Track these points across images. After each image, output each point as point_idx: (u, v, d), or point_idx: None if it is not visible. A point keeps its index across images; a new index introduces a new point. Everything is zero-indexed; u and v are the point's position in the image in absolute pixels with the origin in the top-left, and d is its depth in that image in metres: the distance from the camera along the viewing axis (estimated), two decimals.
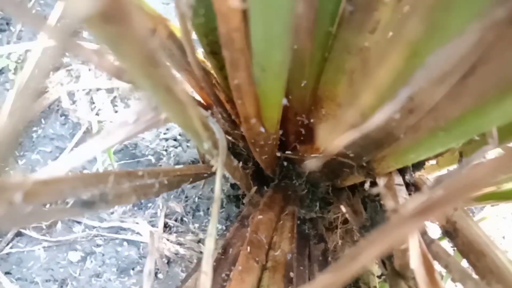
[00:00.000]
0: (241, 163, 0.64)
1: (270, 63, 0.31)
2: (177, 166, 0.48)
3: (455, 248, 0.46)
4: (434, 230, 0.88)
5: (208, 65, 0.49)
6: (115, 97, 0.93)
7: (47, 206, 0.35)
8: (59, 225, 0.87)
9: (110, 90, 0.93)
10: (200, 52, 0.48)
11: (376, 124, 0.29)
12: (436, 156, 0.58)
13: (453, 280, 0.39)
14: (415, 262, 0.38)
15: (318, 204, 0.74)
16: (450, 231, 0.46)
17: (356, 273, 0.21)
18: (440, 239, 0.70)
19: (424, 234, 0.47)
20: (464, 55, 0.27)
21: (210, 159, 0.48)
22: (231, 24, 0.28)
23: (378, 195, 0.58)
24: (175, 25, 0.40)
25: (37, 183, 0.26)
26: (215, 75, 0.50)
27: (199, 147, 0.43)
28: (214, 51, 0.42)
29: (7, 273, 0.85)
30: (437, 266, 0.48)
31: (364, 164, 0.55)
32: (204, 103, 0.57)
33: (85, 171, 0.89)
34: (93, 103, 0.93)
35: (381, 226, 0.22)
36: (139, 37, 0.17)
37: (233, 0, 0.25)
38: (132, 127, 0.33)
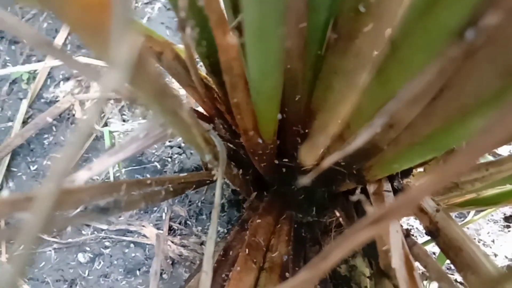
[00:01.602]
0: (241, 170, 0.68)
1: (264, 88, 0.35)
2: (181, 174, 0.52)
3: (439, 248, 0.50)
4: (423, 233, 0.92)
5: (210, 81, 0.53)
6: (122, 106, 0.98)
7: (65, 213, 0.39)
8: (69, 227, 0.92)
9: (118, 100, 0.98)
10: (202, 70, 0.52)
11: (361, 143, 0.33)
12: (422, 164, 0.62)
13: (430, 278, 0.43)
14: (396, 262, 0.42)
15: (314, 209, 0.78)
16: (433, 231, 0.50)
17: (329, 269, 0.25)
18: (427, 242, 0.74)
19: (407, 236, 0.51)
20: (431, 82, 0.31)
21: (211, 167, 0.53)
22: (230, 55, 0.32)
23: (370, 200, 0.63)
24: (180, 48, 0.44)
25: (63, 192, 0.31)
26: (216, 90, 0.55)
27: (201, 158, 0.48)
28: (215, 70, 0.46)
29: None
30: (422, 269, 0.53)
31: (355, 172, 0.59)
32: (207, 115, 0.62)
33: (95, 177, 0.94)
34: (102, 112, 0.98)
35: (350, 228, 0.26)
36: (154, 78, 0.22)
37: (231, 37, 0.29)
38: (142, 141, 0.37)
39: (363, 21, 0.34)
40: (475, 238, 0.91)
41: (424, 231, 0.93)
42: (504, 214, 0.96)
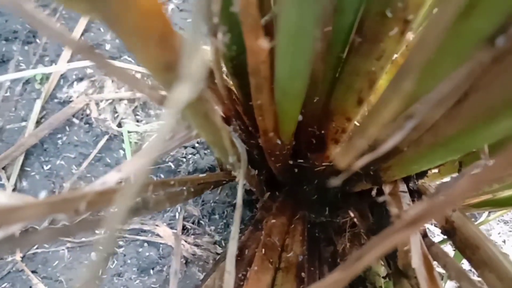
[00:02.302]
0: (256, 170, 0.69)
1: (292, 89, 0.36)
2: (201, 175, 0.53)
3: (454, 247, 0.51)
4: (437, 233, 0.92)
5: (230, 83, 0.54)
6: (136, 107, 0.99)
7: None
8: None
9: (131, 100, 0.99)
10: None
11: (387, 149, 0.34)
12: (438, 166, 0.62)
13: (450, 277, 0.44)
14: (416, 262, 0.43)
15: (327, 209, 0.78)
16: (449, 230, 0.51)
17: (361, 271, 0.26)
18: (441, 242, 0.75)
19: (425, 237, 0.51)
20: (458, 85, 0.31)
21: (229, 168, 0.53)
22: (259, 58, 0.33)
23: (384, 201, 0.63)
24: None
25: (96, 194, 0.31)
26: (235, 92, 0.55)
27: (223, 160, 0.48)
28: (237, 73, 0.47)
29: (33, 271, 0.91)
30: (438, 268, 0.53)
31: (372, 172, 0.59)
32: (224, 116, 0.62)
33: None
34: (116, 112, 0.98)
35: (384, 230, 0.27)
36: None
37: (262, 41, 0.30)
38: (169, 143, 0.38)
39: (389, 25, 0.35)
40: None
41: (436, 232, 0.93)
42: None
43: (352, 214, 0.76)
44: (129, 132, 0.90)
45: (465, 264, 0.77)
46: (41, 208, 0.27)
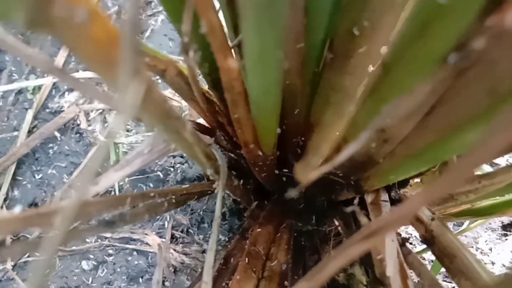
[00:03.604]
0: (242, 179, 0.70)
1: (264, 105, 0.37)
2: (184, 186, 0.53)
3: (434, 256, 0.52)
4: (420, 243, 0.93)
5: (212, 95, 0.55)
6: None
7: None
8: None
9: None
10: (205, 84, 0.54)
11: (350, 154, 0.35)
12: (419, 175, 0.63)
13: (424, 286, 0.45)
14: (391, 271, 0.44)
15: (314, 217, 0.79)
16: (429, 239, 0.52)
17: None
18: (423, 251, 0.76)
19: (403, 246, 0.52)
20: (423, 99, 0.33)
21: (213, 178, 0.54)
22: (231, 75, 0.34)
23: (367, 210, 0.64)
24: (183, 65, 0.46)
25: (72, 208, 0.32)
26: (217, 104, 0.57)
27: (203, 171, 0.49)
28: (216, 86, 0.48)
29: (24, 280, 0.91)
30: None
31: (353, 182, 0.60)
32: (208, 127, 0.64)
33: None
34: (106, 122, 0.99)
35: (347, 240, 0.28)
36: (160, 102, 0.23)
37: (232, 61, 0.31)
38: (147, 156, 0.39)
39: (358, 43, 0.36)
40: (472, 246, 0.92)
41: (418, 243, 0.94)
42: (502, 222, 0.98)
43: (337, 223, 0.77)
44: (116, 143, 0.91)
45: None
46: (15, 223, 0.28)
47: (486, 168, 0.82)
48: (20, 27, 0.18)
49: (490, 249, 0.94)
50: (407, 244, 0.55)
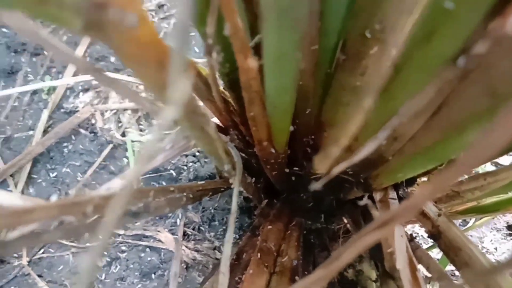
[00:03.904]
0: (253, 178, 0.72)
1: (280, 103, 0.39)
2: (199, 182, 0.56)
3: (440, 250, 0.53)
4: (427, 240, 0.95)
5: (227, 95, 0.57)
6: (139, 116, 1.03)
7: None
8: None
9: (135, 111, 1.02)
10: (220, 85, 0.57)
11: (366, 154, 0.37)
12: (426, 174, 0.65)
13: (432, 279, 0.47)
14: (400, 264, 0.46)
15: (323, 215, 0.81)
16: (435, 234, 0.54)
17: (337, 272, 0.29)
18: (430, 248, 0.78)
19: (411, 241, 0.54)
20: (430, 100, 0.35)
21: (227, 176, 0.56)
22: (250, 75, 0.36)
23: (366, 204, 0.66)
24: (201, 66, 0.49)
25: (101, 198, 0.34)
26: (232, 104, 0.59)
27: (219, 168, 0.52)
28: (232, 86, 0.50)
29: (39, 275, 0.94)
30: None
31: (362, 180, 0.62)
32: (222, 126, 0.66)
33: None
34: (120, 122, 1.02)
35: (361, 230, 0.30)
36: (188, 100, 0.26)
37: (252, 61, 0.33)
38: (169, 152, 0.41)
39: (369, 45, 0.38)
40: (478, 246, 0.94)
41: (428, 238, 0.96)
42: (507, 222, 0.99)
43: (346, 221, 0.79)
44: (132, 141, 0.94)
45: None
46: (52, 210, 0.30)
47: (489, 168, 0.84)
48: (75, 31, 0.20)
49: (496, 249, 0.95)
50: (419, 243, 0.57)
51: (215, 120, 0.65)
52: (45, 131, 1.04)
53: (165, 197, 0.45)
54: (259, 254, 0.66)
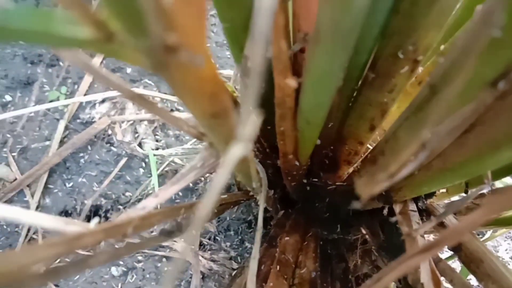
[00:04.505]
0: (272, 190, 0.72)
1: (314, 118, 0.40)
2: (222, 196, 0.56)
3: (460, 262, 0.54)
4: (442, 251, 0.95)
5: None
6: (156, 127, 1.03)
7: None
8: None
9: (151, 121, 1.03)
10: None
11: (402, 177, 0.37)
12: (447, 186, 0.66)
13: None
14: (424, 277, 0.46)
15: (339, 226, 0.81)
16: (455, 246, 0.54)
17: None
18: (449, 258, 0.78)
19: None
20: (465, 118, 0.35)
21: (248, 189, 0.57)
22: (286, 92, 0.37)
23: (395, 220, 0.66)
24: (229, 84, 0.49)
25: (140, 218, 0.35)
26: None
27: (246, 184, 0.52)
28: (259, 102, 0.51)
29: (56, 285, 0.94)
30: (446, 283, 0.56)
31: (384, 193, 0.63)
32: None
33: (127, 194, 0.99)
34: (137, 132, 1.03)
35: (399, 255, 0.30)
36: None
37: (290, 80, 0.34)
38: (199, 170, 0.42)
39: (400, 64, 0.39)
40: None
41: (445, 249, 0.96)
42: None
43: (363, 231, 0.79)
44: (155, 155, 0.94)
45: (473, 280, 0.80)
46: (98, 234, 0.31)
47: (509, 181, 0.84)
48: (145, 70, 0.21)
49: (511, 258, 0.95)
50: (440, 256, 0.57)
51: None
52: (61, 142, 1.05)
53: (193, 214, 0.45)
54: (278, 266, 0.67)
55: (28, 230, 0.98)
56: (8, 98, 1.10)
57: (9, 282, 0.23)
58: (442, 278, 0.52)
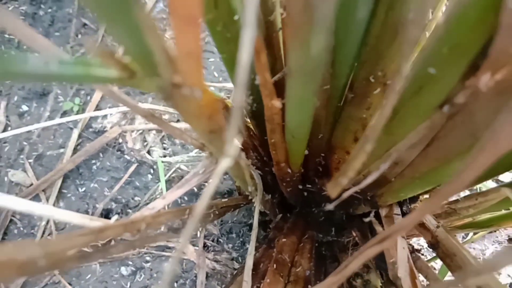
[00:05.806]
0: (269, 195, 0.79)
1: (298, 134, 0.46)
2: (223, 200, 0.63)
3: (438, 257, 0.60)
4: (431, 252, 1.00)
5: (249, 122, 0.65)
6: (163, 136, 1.11)
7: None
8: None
9: (159, 131, 1.10)
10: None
11: (367, 183, 0.44)
12: (428, 192, 0.72)
13: (430, 286, 0.53)
14: (402, 272, 0.52)
15: (333, 229, 0.87)
16: (434, 243, 0.60)
17: (346, 279, 0.36)
18: (432, 259, 0.84)
19: (412, 252, 0.61)
20: (424, 135, 0.42)
21: (248, 194, 0.64)
22: (273, 111, 0.43)
23: (381, 222, 0.73)
24: (228, 100, 0.56)
25: (152, 216, 0.42)
26: (253, 130, 0.66)
27: (243, 188, 0.59)
28: (254, 116, 0.58)
29: (69, 283, 1.01)
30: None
31: (369, 198, 0.69)
32: (243, 148, 0.73)
33: (136, 198, 1.06)
34: (145, 141, 1.10)
35: (366, 243, 0.37)
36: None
37: (276, 102, 0.40)
38: (201, 176, 0.49)
39: (373, 86, 0.45)
40: (480, 258, 0.99)
41: (429, 248, 1.02)
42: (508, 236, 1.05)
43: (354, 234, 0.85)
44: (163, 162, 1.01)
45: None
46: (118, 228, 0.38)
47: (490, 184, 0.90)
48: (155, 98, 0.28)
49: None
50: (419, 255, 0.64)
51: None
52: (75, 149, 1.12)
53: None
54: (275, 265, 0.73)
55: (43, 232, 1.06)
56: (24, 108, 1.18)
57: (51, 263, 0.29)
58: (419, 275, 0.59)
